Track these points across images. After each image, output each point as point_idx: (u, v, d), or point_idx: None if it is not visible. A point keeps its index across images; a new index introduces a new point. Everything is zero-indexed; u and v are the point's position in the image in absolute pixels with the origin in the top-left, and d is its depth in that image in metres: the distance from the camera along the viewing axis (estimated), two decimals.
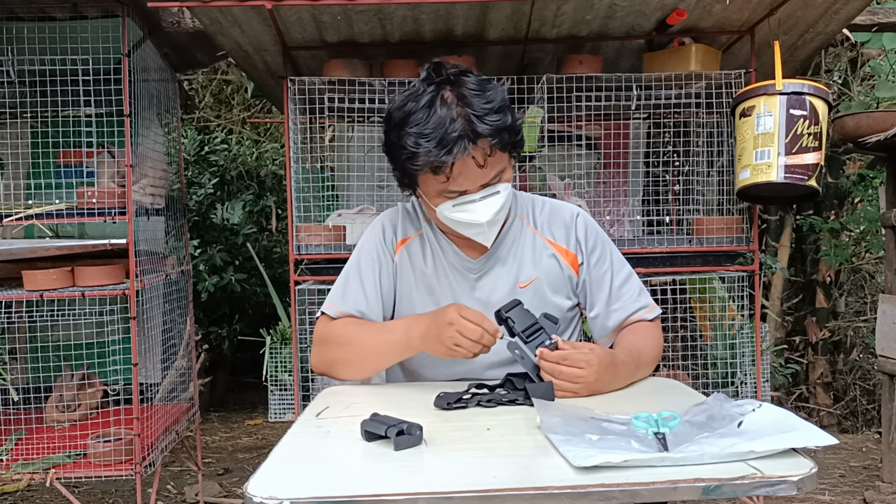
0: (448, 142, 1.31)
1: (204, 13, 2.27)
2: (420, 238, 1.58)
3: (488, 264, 1.54)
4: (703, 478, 0.87)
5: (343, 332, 1.48)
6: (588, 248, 1.56)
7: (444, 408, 1.25)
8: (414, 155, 1.34)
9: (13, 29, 2.43)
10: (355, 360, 1.45)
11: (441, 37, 2.53)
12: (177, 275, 2.89)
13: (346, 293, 1.54)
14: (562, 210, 1.60)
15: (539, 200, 1.63)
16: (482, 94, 1.36)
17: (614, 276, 1.56)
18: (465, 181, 1.37)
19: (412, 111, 1.35)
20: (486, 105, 1.34)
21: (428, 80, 1.38)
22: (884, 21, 3.17)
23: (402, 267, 1.56)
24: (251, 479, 0.91)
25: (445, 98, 1.35)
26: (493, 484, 0.87)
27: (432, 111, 1.33)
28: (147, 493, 2.51)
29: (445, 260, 1.55)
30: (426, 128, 1.32)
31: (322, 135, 3.18)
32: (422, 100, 1.35)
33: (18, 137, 2.82)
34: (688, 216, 2.69)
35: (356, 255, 1.58)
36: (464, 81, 1.37)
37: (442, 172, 1.34)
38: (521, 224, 1.57)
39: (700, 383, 2.72)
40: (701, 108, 2.66)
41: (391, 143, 1.41)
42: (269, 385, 4.11)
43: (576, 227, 1.57)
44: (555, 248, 1.56)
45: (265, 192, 5.27)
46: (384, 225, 1.60)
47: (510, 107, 1.40)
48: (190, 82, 6.28)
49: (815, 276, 4.44)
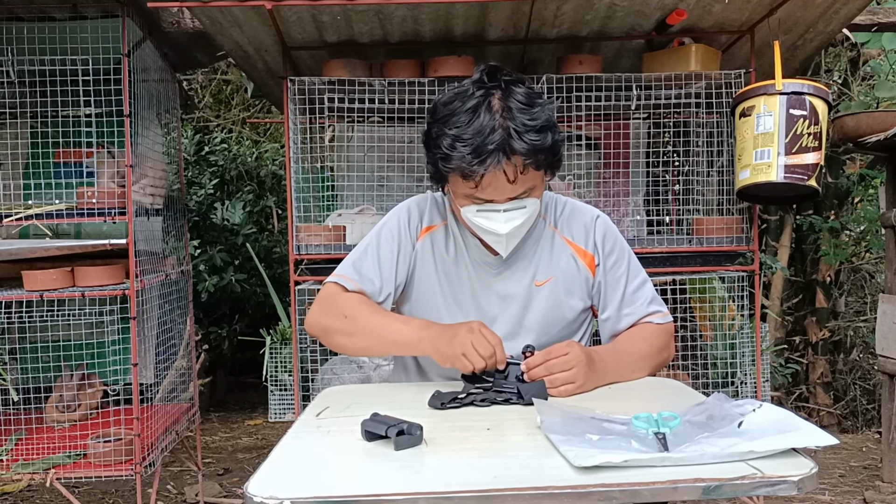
0: (483, 152, 1.30)
1: (204, 13, 2.27)
2: (445, 228, 1.58)
3: (508, 261, 1.54)
4: (704, 478, 0.87)
5: (355, 306, 1.47)
6: (606, 251, 1.55)
7: (437, 407, 1.25)
8: (447, 157, 1.34)
9: (13, 29, 2.43)
10: (358, 335, 1.45)
11: (441, 37, 2.53)
12: (177, 275, 2.89)
13: (361, 268, 1.53)
14: (582, 211, 1.60)
15: (561, 200, 1.62)
16: (528, 109, 1.34)
17: (629, 281, 1.55)
18: (493, 192, 1.37)
19: (456, 111, 1.35)
20: (530, 122, 1.33)
21: (479, 82, 1.37)
22: (884, 21, 3.18)
23: (423, 254, 1.56)
24: (251, 479, 0.91)
25: (492, 105, 1.33)
26: (493, 484, 0.87)
27: (475, 116, 1.32)
28: (147, 493, 2.51)
29: (467, 253, 1.55)
30: (465, 132, 1.32)
31: (322, 135, 3.18)
32: (468, 102, 1.34)
33: (18, 137, 2.81)
34: (688, 216, 2.69)
35: (377, 232, 1.57)
36: (514, 92, 1.35)
37: (472, 179, 1.34)
38: (543, 223, 1.57)
39: (700, 383, 2.72)
40: (701, 108, 2.66)
41: (429, 137, 1.42)
42: (269, 385, 4.11)
43: (595, 228, 1.57)
44: (573, 248, 1.56)
45: (265, 192, 5.27)
46: (411, 209, 1.59)
47: (555, 126, 1.38)
48: (189, 82, 6.28)
49: (815, 275, 4.44)
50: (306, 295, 2.46)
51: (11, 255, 2.49)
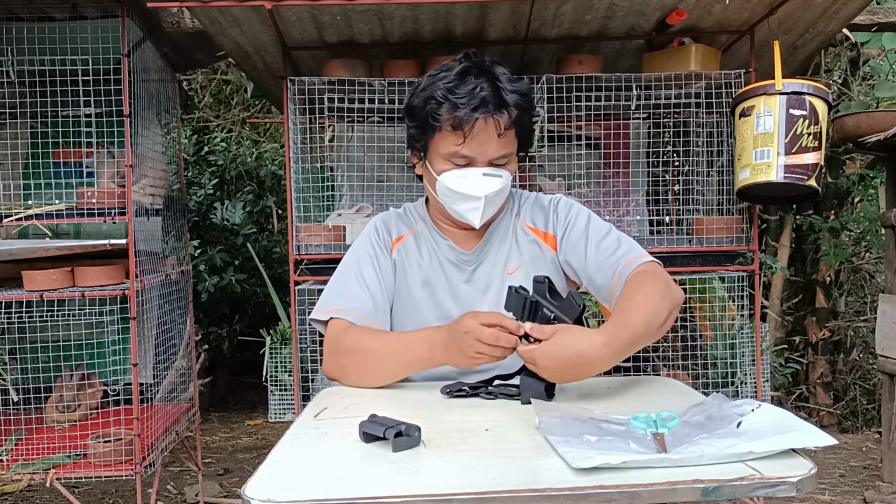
0: (475, 98, 1.38)
1: (204, 13, 2.27)
2: (414, 236, 1.61)
3: (481, 255, 1.57)
4: (702, 479, 0.87)
5: (360, 340, 1.44)
6: (563, 223, 1.57)
7: (447, 394, 1.32)
8: (440, 105, 1.40)
9: (13, 29, 2.43)
10: (373, 368, 1.42)
11: (441, 37, 2.53)
12: (177, 275, 2.89)
13: (349, 294, 1.52)
14: (542, 198, 1.65)
15: (526, 193, 1.67)
16: (512, 79, 1.45)
17: (590, 236, 1.51)
18: (478, 147, 1.42)
19: (443, 77, 1.43)
20: (514, 84, 1.44)
21: (464, 58, 1.47)
22: (883, 21, 3.17)
23: (399, 264, 1.59)
24: (249, 482, 0.91)
25: (480, 69, 1.43)
26: (491, 485, 0.87)
27: (466, 75, 1.42)
28: (147, 493, 2.51)
29: (441, 254, 1.58)
30: (458, 86, 1.40)
31: (322, 135, 3.18)
32: (456, 68, 1.43)
33: (18, 137, 2.81)
34: (688, 216, 2.69)
35: (353, 257, 1.58)
36: (496, 65, 1.46)
37: (461, 130, 1.40)
38: (510, 215, 1.62)
39: (700, 383, 2.72)
40: (701, 108, 2.66)
41: (414, 101, 1.48)
42: (269, 385, 4.11)
43: (553, 207, 1.60)
44: (535, 234, 1.59)
45: (265, 192, 5.27)
46: (377, 226, 1.62)
47: (534, 102, 1.50)
48: (189, 82, 6.28)
49: (815, 275, 4.43)
50: (306, 295, 2.46)
51: (11, 255, 2.49)
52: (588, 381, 1.41)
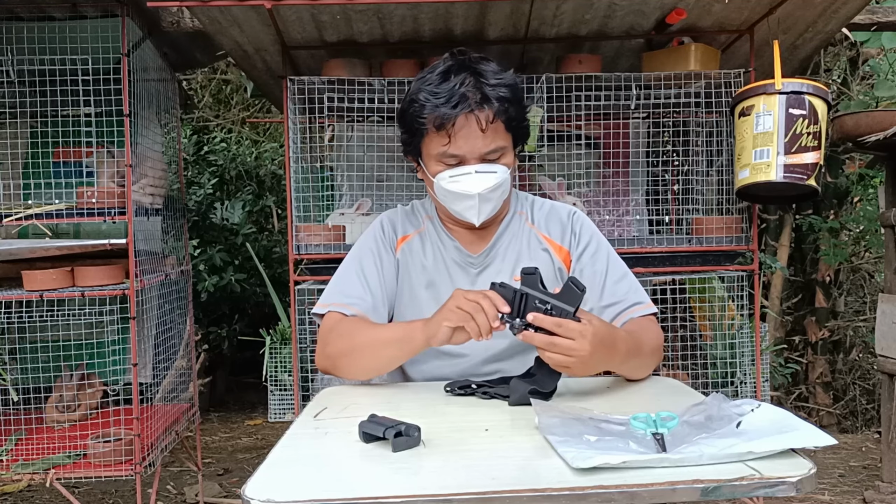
0: (454, 95, 1.39)
1: (203, 13, 2.26)
2: (420, 235, 1.60)
3: (488, 259, 1.56)
4: (702, 479, 0.87)
5: (347, 327, 1.46)
6: (581, 244, 1.56)
7: (450, 391, 1.34)
8: (422, 107, 1.42)
9: (13, 29, 2.43)
10: (358, 354, 1.42)
11: (440, 36, 2.53)
12: (176, 275, 2.89)
13: (349, 290, 1.52)
14: (559, 209, 1.63)
15: (539, 200, 1.66)
16: (496, 72, 1.45)
17: (608, 273, 1.54)
18: (464, 144, 1.42)
19: (427, 78, 1.45)
20: (497, 77, 1.43)
21: (449, 57, 1.48)
22: (883, 20, 3.17)
23: (404, 263, 1.58)
24: (248, 482, 0.91)
25: (462, 65, 1.44)
26: (491, 486, 0.87)
27: (447, 74, 1.43)
28: (147, 493, 2.51)
29: (447, 255, 1.57)
30: (439, 88, 1.41)
31: (321, 134, 3.18)
32: (438, 68, 1.45)
33: (17, 137, 2.81)
34: (687, 216, 2.69)
35: (356, 253, 1.58)
36: (480, 61, 1.46)
37: (444, 130, 1.40)
38: (520, 220, 1.60)
39: (700, 383, 2.72)
40: (700, 108, 2.66)
41: (404, 108, 1.49)
42: (269, 385, 4.12)
43: (572, 223, 1.59)
44: (548, 244, 1.58)
45: (265, 191, 5.27)
46: (384, 223, 1.62)
47: (522, 92, 1.48)
48: (189, 82, 6.28)
49: (815, 275, 4.44)
50: (306, 295, 2.46)
51: (11, 255, 2.49)
52: (588, 380, 1.42)
